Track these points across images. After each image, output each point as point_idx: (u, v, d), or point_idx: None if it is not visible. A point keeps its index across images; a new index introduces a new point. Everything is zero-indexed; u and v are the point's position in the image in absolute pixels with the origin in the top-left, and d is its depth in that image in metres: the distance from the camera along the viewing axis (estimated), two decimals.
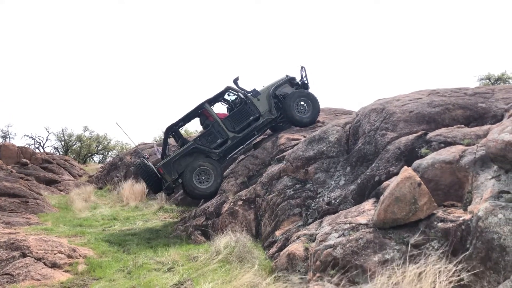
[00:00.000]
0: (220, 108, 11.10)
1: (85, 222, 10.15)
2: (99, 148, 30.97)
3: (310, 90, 10.72)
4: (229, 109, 10.84)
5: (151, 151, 15.68)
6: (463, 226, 4.11)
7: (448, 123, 6.22)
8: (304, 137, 8.90)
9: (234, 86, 10.22)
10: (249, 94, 10.18)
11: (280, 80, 10.64)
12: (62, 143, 29.86)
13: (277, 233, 6.51)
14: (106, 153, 31.16)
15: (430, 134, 5.82)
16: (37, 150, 25.37)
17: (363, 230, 4.71)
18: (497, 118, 5.94)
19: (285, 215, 6.68)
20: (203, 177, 9.53)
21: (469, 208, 4.28)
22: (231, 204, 7.99)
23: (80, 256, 6.79)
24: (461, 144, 5.23)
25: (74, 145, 30.14)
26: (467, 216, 4.16)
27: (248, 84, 10.12)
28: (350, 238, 4.67)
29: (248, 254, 6.00)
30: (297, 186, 7.03)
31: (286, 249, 5.60)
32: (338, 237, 4.84)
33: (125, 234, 8.79)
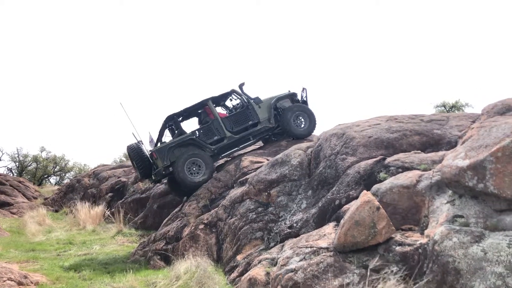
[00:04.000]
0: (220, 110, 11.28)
1: (39, 247, 9.71)
2: (56, 170, 29.89)
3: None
4: (229, 113, 11.09)
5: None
6: (420, 250, 4.20)
7: (406, 148, 6.41)
8: (267, 160, 8.94)
9: (239, 90, 10.61)
10: (252, 100, 10.54)
11: (282, 94, 11.04)
12: (17, 163, 28.63)
13: (239, 257, 6.45)
14: (63, 174, 30.06)
15: (389, 159, 5.98)
16: None
17: (324, 254, 4.74)
18: (452, 145, 6.18)
19: (247, 239, 6.63)
20: (194, 169, 9.65)
21: (426, 232, 4.38)
22: (192, 228, 7.86)
23: (31, 283, 6.46)
24: (418, 169, 5.39)
25: (29, 166, 28.96)
26: (424, 240, 4.26)
27: (245, 91, 10.65)
28: (311, 262, 4.68)
29: (209, 280, 5.90)
30: (260, 209, 7.01)
31: (247, 273, 5.55)
32: (299, 261, 4.84)
33: (81, 259, 8.46)
